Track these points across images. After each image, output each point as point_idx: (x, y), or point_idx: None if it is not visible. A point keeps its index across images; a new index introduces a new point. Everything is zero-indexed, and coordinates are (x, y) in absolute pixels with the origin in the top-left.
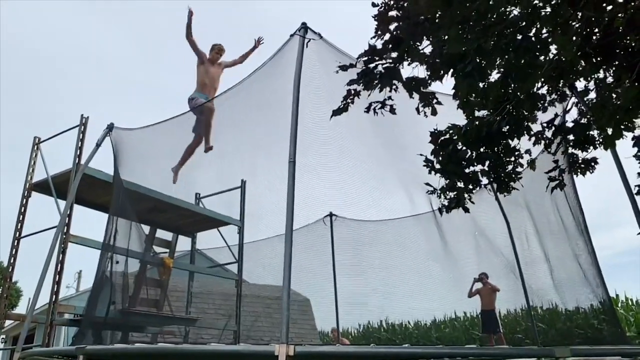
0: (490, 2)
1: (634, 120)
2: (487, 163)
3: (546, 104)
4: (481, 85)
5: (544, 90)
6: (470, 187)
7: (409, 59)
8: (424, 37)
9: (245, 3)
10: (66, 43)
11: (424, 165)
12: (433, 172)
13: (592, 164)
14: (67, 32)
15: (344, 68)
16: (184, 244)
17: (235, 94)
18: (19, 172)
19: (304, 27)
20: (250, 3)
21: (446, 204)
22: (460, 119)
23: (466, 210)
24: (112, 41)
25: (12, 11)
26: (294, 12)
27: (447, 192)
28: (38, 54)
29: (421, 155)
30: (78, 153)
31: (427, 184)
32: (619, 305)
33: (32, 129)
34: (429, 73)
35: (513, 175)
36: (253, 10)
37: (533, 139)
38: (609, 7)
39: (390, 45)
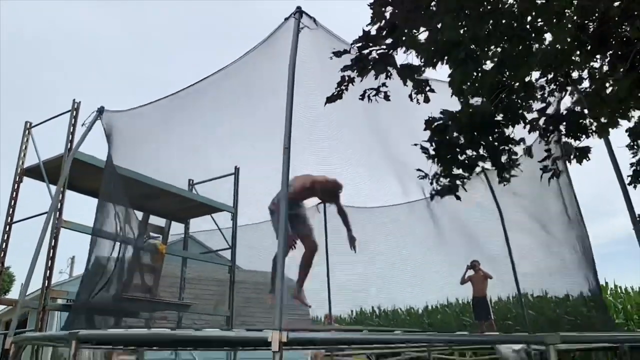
0: None
1: (630, 110)
2: (482, 150)
3: (546, 95)
4: (475, 73)
5: (542, 82)
6: (465, 174)
7: (403, 46)
8: (419, 24)
9: (246, 3)
10: (62, 32)
11: (422, 152)
12: (430, 160)
13: (586, 152)
14: (64, 21)
15: (337, 54)
16: (177, 230)
17: (226, 77)
18: (10, 158)
19: (299, 11)
20: (251, 3)
21: (438, 189)
22: (455, 107)
23: (458, 197)
24: (111, 32)
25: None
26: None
27: (440, 179)
28: (35, 42)
29: (416, 145)
30: (70, 138)
31: (419, 169)
32: (608, 292)
33: (25, 115)
34: (422, 60)
35: (510, 163)
36: (254, 10)
37: (528, 127)
38: None
39: (385, 32)
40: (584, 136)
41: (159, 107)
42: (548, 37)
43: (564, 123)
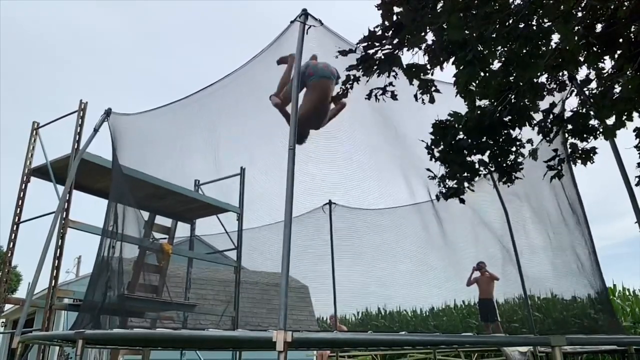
0: None
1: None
2: (487, 153)
3: (545, 93)
4: (482, 74)
5: (543, 79)
6: (471, 176)
7: (409, 45)
8: (426, 24)
9: (253, 2)
10: (69, 31)
11: (427, 153)
12: (434, 160)
13: (592, 154)
14: (70, 20)
15: (343, 53)
16: (183, 230)
17: (234, 79)
18: (18, 157)
19: (305, 14)
20: (258, 4)
21: (444, 191)
22: (462, 109)
23: (462, 201)
24: (117, 31)
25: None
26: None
27: (447, 181)
28: (42, 42)
29: (422, 141)
30: (77, 138)
31: (428, 169)
32: (616, 295)
33: (33, 114)
34: (428, 60)
35: (515, 165)
36: (261, 8)
37: (536, 128)
38: None
39: (391, 31)
40: (591, 137)
41: (165, 111)
42: (555, 37)
43: (570, 124)
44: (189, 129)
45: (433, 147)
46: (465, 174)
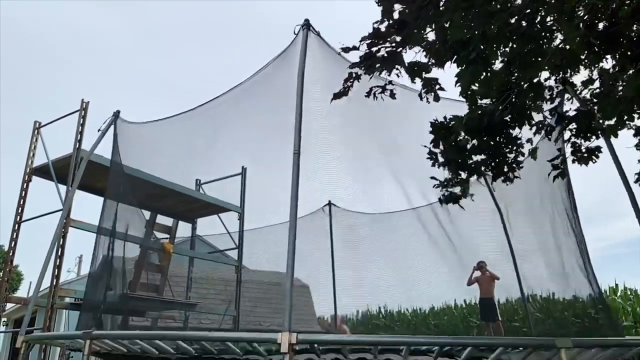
0: None
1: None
2: (487, 152)
3: (554, 95)
4: (484, 73)
5: (551, 82)
6: (470, 175)
7: (412, 43)
8: (428, 22)
9: (252, 4)
10: (69, 31)
11: (428, 158)
12: (437, 165)
13: (596, 152)
14: (70, 20)
15: (346, 50)
16: (184, 230)
17: (241, 88)
18: (19, 157)
19: (307, 24)
20: (258, 4)
21: (447, 194)
22: (460, 111)
23: (461, 206)
24: (117, 31)
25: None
26: (301, 13)
27: (451, 185)
28: (42, 42)
29: (425, 146)
30: (78, 138)
31: (433, 177)
32: (618, 294)
33: (33, 114)
34: (430, 59)
35: (514, 165)
36: (260, 13)
37: (534, 128)
38: None
39: (394, 29)
40: (593, 137)
41: (173, 121)
42: (557, 37)
43: (575, 123)
44: (193, 133)
45: (433, 147)
46: (466, 173)
